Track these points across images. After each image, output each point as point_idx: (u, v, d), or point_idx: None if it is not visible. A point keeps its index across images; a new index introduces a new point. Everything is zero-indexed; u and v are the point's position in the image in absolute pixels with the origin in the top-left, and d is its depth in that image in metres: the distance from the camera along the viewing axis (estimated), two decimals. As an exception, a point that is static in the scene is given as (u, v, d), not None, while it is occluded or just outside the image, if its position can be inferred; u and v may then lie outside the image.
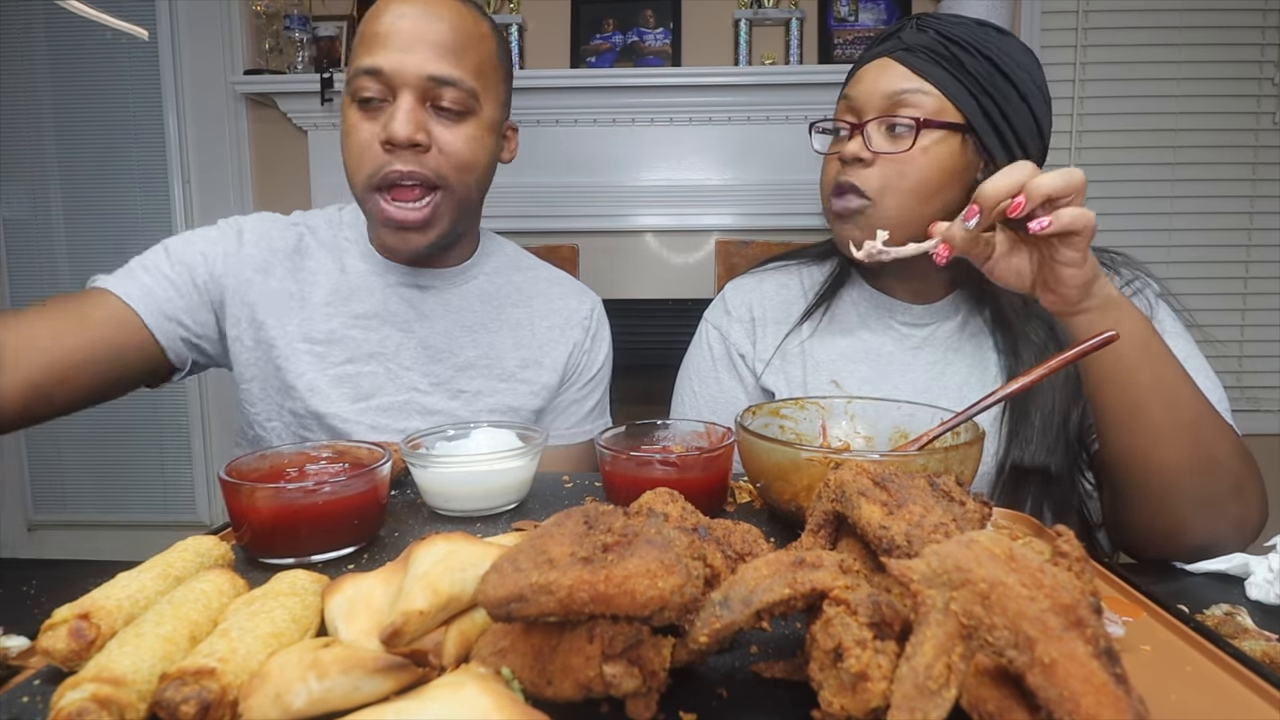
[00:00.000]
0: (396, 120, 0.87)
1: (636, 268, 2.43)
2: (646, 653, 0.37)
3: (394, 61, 0.87)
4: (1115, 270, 0.93)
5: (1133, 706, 0.29)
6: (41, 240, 2.56)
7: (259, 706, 0.36)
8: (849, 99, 0.90)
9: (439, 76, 0.89)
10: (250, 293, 0.97)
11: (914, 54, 0.87)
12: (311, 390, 0.96)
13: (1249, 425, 2.27)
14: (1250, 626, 0.55)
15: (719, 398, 1.04)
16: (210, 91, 2.39)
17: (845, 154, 0.88)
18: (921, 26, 0.88)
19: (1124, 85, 2.33)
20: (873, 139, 0.87)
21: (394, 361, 0.99)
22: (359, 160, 0.91)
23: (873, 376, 0.96)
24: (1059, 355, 0.66)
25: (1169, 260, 2.35)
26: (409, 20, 0.89)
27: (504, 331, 1.05)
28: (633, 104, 2.29)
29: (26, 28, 2.46)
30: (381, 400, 0.98)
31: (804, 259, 1.09)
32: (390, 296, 1.01)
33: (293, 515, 0.57)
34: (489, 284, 1.07)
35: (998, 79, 0.86)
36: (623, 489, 0.67)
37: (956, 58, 0.86)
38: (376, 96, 0.89)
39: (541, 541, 0.38)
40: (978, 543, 0.34)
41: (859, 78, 0.90)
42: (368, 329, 0.99)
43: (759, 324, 1.05)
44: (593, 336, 1.11)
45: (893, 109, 0.86)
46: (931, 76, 0.86)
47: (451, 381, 1.01)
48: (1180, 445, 0.73)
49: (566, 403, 1.09)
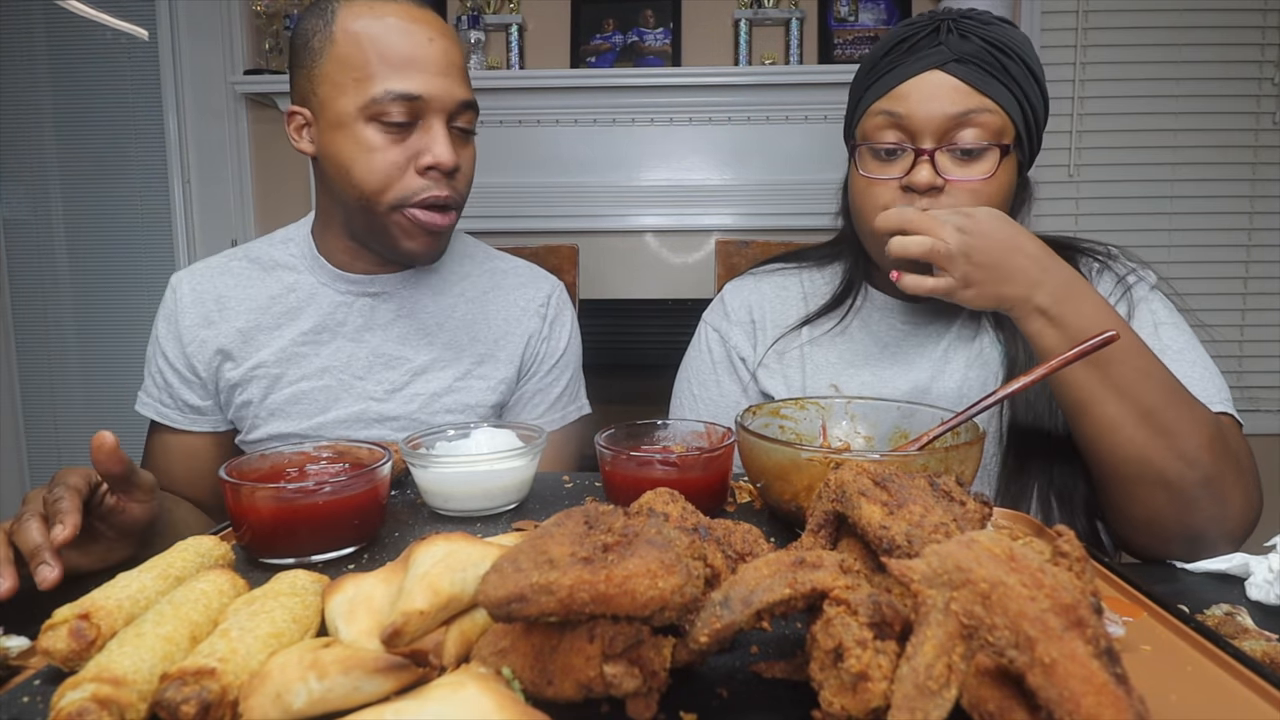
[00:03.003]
0: (440, 147, 0.90)
1: (636, 268, 2.43)
2: (646, 653, 0.37)
3: (432, 87, 0.89)
4: (1108, 264, 0.93)
5: (1133, 706, 0.29)
6: (41, 240, 2.56)
7: (259, 706, 0.36)
8: (897, 116, 0.83)
9: (465, 101, 0.93)
10: (205, 351, 1.00)
11: (967, 66, 0.81)
12: (270, 414, 0.99)
13: (1249, 425, 2.26)
14: (1250, 626, 0.55)
15: (719, 400, 1.04)
16: (210, 91, 2.40)
17: (918, 184, 0.82)
18: (963, 32, 0.83)
19: (1124, 85, 2.33)
20: (944, 165, 0.83)
21: (346, 373, 1.00)
22: (384, 180, 0.90)
23: (873, 381, 0.95)
24: (1059, 355, 0.66)
25: (1169, 260, 2.35)
26: (436, 46, 0.91)
27: (459, 330, 1.04)
28: (633, 104, 2.29)
29: (26, 28, 2.46)
30: (338, 413, 0.99)
31: (805, 262, 1.08)
32: (340, 307, 1.01)
33: (293, 515, 0.58)
34: (441, 281, 1.06)
35: (1031, 84, 0.84)
36: (623, 489, 0.67)
37: (1004, 67, 0.82)
38: (406, 120, 0.90)
39: (541, 541, 0.38)
40: (978, 543, 0.34)
41: (905, 93, 0.83)
42: (318, 344, 1.00)
43: (759, 326, 1.04)
44: (550, 323, 1.09)
45: (957, 129, 0.82)
46: (991, 92, 0.82)
47: (407, 386, 1.01)
48: (1135, 436, 0.73)
49: (530, 393, 1.08)
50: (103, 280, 2.56)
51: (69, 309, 2.59)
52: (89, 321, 2.58)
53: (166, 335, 1.01)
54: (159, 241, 2.50)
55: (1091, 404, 0.74)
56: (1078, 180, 2.36)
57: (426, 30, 0.91)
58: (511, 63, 2.32)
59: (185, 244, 2.47)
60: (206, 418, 1.02)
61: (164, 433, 1.03)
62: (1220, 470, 0.73)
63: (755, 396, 1.02)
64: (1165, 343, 0.85)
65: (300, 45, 0.94)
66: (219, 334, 1.00)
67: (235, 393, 1.00)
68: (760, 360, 1.02)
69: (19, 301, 2.60)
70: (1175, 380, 0.74)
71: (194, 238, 2.47)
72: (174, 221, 2.47)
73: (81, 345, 2.59)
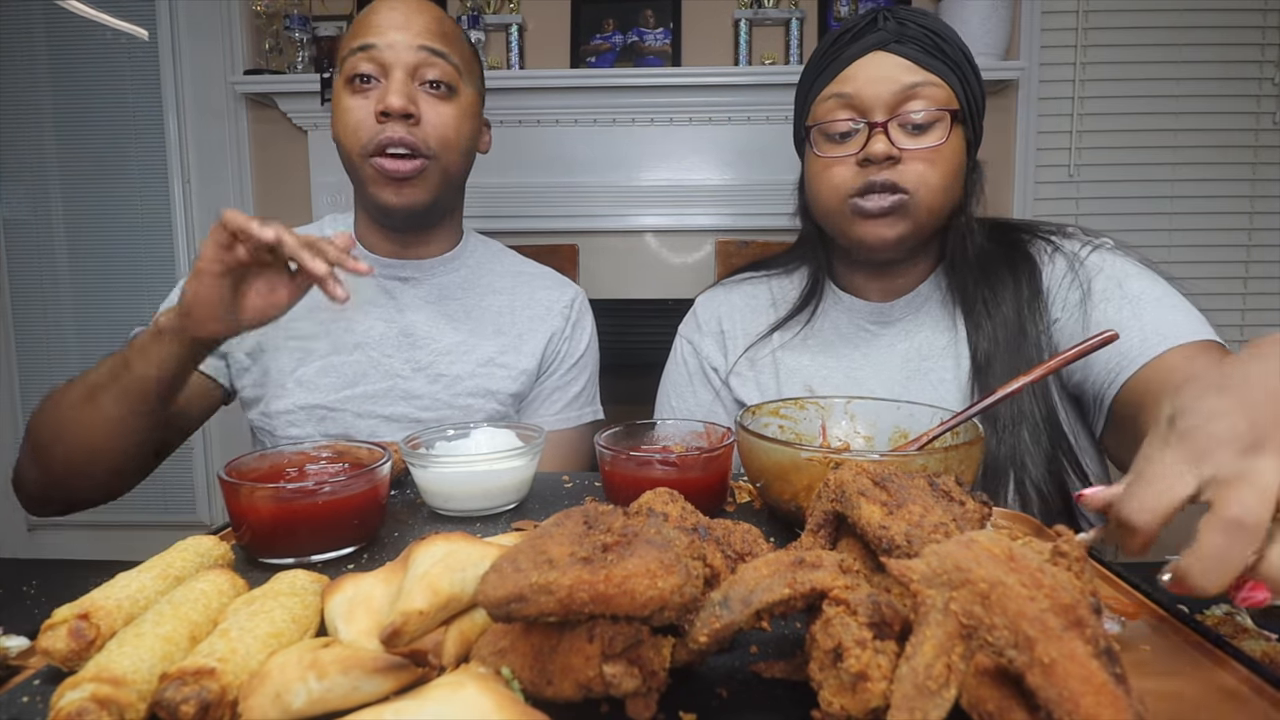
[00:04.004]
0: (391, 93, 0.95)
1: (636, 268, 2.43)
2: (646, 653, 0.37)
3: (387, 38, 0.95)
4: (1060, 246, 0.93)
5: (1133, 706, 0.29)
6: (41, 240, 2.55)
7: (259, 706, 0.36)
8: (847, 97, 0.88)
9: (429, 46, 0.97)
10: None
11: (907, 45, 0.86)
12: (299, 384, 1.01)
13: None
14: (1250, 626, 0.55)
15: (695, 410, 1.07)
16: (210, 91, 2.39)
17: (874, 154, 0.85)
18: (899, 19, 0.87)
19: (1124, 85, 2.33)
20: (897, 136, 0.86)
21: (376, 350, 1.04)
22: (354, 134, 0.97)
23: (845, 383, 0.96)
24: (1059, 355, 0.66)
25: (1169, 260, 2.34)
26: (400, 11, 0.97)
27: (485, 319, 1.09)
28: (633, 104, 2.29)
29: (26, 28, 2.46)
30: (366, 387, 1.03)
31: (773, 269, 1.10)
32: (373, 288, 1.06)
33: (293, 515, 0.57)
34: (471, 275, 1.11)
35: (968, 69, 0.88)
36: (623, 489, 0.67)
37: (941, 49, 0.87)
38: (370, 73, 0.96)
39: (541, 541, 0.38)
40: (977, 543, 0.34)
41: (852, 74, 0.87)
42: (351, 320, 1.04)
43: (728, 336, 1.06)
44: (573, 324, 1.14)
45: (905, 102, 0.85)
46: (933, 68, 0.86)
47: (432, 366, 1.05)
48: None
49: (549, 389, 1.12)
50: (103, 280, 2.56)
51: (69, 309, 2.58)
52: (89, 322, 2.58)
53: None
54: (159, 241, 2.50)
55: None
56: (1078, 180, 2.36)
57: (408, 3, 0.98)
58: (511, 63, 2.32)
59: (185, 244, 2.47)
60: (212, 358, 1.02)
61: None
62: None
63: (729, 404, 1.05)
64: (1135, 293, 0.85)
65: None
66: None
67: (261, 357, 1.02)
68: (731, 369, 1.04)
69: (19, 301, 2.59)
70: None
71: (194, 238, 2.47)
72: (174, 221, 2.47)
73: (81, 345, 2.59)
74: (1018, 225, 0.98)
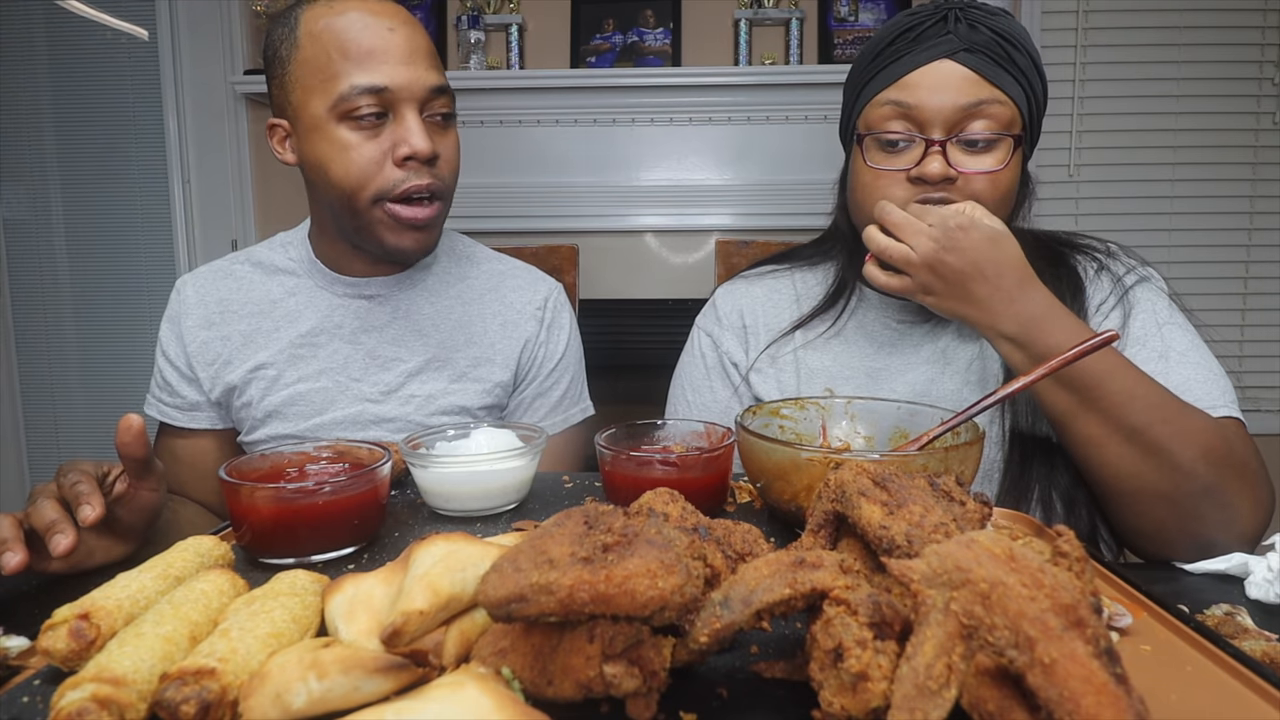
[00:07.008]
0: (415, 136, 0.89)
1: (636, 268, 2.43)
2: (646, 653, 0.37)
3: (399, 77, 0.88)
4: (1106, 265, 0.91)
5: (1133, 706, 0.29)
6: (41, 240, 2.56)
7: (259, 706, 0.36)
8: (905, 106, 0.82)
9: (436, 86, 0.91)
10: (207, 353, 1.01)
11: (977, 56, 0.80)
12: (268, 415, 1.00)
13: (1249, 425, 2.27)
14: (1250, 626, 0.55)
15: (712, 405, 1.03)
16: (210, 91, 2.39)
17: (930, 175, 0.80)
18: (971, 21, 0.81)
19: (1124, 85, 2.32)
20: (955, 156, 0.81)
21: (343, 374, 1.00)
22: (363, 177, 0.90)
23: (867, 384, 0.94)
24: (1059, 355, 0.66)
25: (1169, 260, 2.34)
26: (398, 35, 0.89)
27: (454, 332, 1.04)
28: (633, 104, 2.29)
29: (26, 28, 2.46)
30: (335, 414, 0.99)
31: (797, 262, 1.07)
32: (337, 309, 1.01)
33: (293, 515, 0.57)
34: (438, 284, 1.06)
35: (1035, 75, 0.83)
36: (623, 489, 0.67)
37: (1011, 58, 0.81)
38: (377, 113, 0.89)
39: (541, 541, 0.38)
40: (978, 543, 0.34)
41: (914, 82, 0.81)
42: (316, 346, 1.00)
43: (750, 331, 1.03)
44: (548, 326, 1.09)
45: (967, 120, 0.80)
46: (1001, 83, 0.80)
47: (403, 388, 1.01)
48: (1122, 453, 0.72)
49: (530, 397, 1.08)
50: (103, 281, 2.56)
51: (69, 309, 2.59)
52: (89, 322, 2.58)
53: (169, 336, 1.03)
54: (159, 242, 2.50)
55: (1071, 421, 0.74)
56: (1078, 180, 2.36)
57: (386, 21, 0.89)
58: (511, 63, 2.32)
59: (185, 244, 2.47)
60: (203, 413, 1.02)
61: (171, 436, 1.04)
62: (1221, 478, 0.72)
63: (748, 400, 1.02)
64: (1169, 344, 0.84)
65: (271, 56, 0.93)
66: (220, 336, 1.01)
67: (235, 395, 1.01)
68: (752, 365, 1.01)
69: (19, 301, 2.60)
70: (1165, 395, 0.73)
71: (194, 238, 2.47)
72: (174, 222, 2.47)
73: (81, 346, 2.59)
74: (1058, 237, 0.95)
